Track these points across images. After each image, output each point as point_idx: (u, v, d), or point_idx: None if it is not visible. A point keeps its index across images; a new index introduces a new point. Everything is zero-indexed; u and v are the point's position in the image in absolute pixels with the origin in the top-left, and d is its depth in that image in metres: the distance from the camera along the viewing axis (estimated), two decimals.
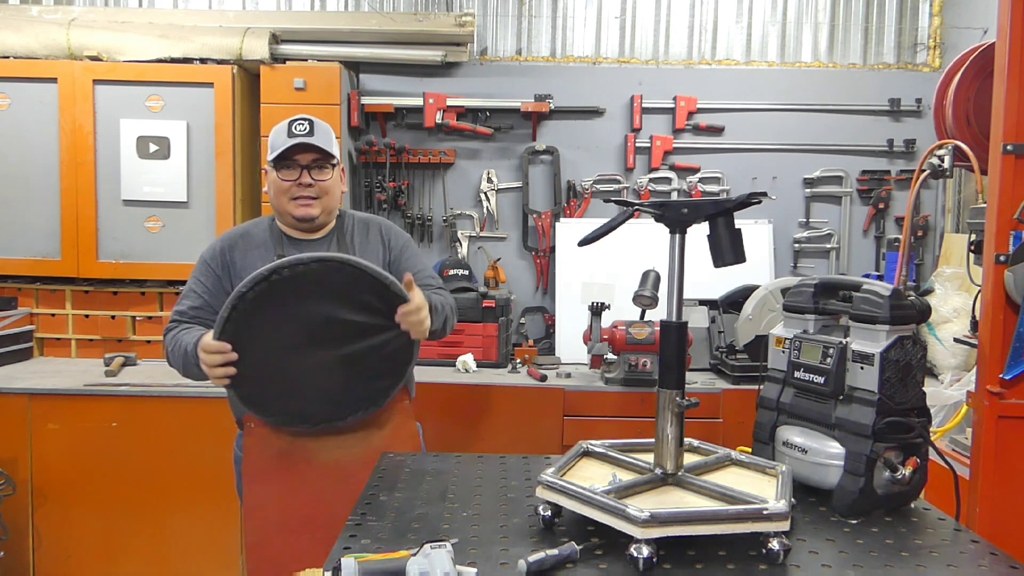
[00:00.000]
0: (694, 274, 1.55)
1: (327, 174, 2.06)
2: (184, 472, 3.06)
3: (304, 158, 2.03)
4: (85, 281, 3.56)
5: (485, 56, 3.95)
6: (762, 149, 3.86)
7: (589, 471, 1.47)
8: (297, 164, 2.03)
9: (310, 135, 2.01)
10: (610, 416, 3.11)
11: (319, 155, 2.03)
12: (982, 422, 1.92)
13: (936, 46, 3.94)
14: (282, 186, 2.04)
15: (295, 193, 2.03)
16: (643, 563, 1.18)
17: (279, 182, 2.05)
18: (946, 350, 3.08)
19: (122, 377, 3.23)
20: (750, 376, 3.14)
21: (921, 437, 1.47)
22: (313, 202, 2.05)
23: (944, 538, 1.36)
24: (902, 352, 1.45)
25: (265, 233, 2.12)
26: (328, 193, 2.07)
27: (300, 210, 2.04)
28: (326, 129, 2.07)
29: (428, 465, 1.77)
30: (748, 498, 1.27)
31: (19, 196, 3.45)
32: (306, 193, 2.04)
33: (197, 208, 3.48)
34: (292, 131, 2.02)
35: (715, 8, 3.95)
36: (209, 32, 3.48)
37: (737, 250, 1.35)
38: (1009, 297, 1.89)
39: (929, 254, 3.85)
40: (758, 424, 1.65)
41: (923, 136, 3.81)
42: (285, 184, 2.04)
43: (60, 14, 3.58)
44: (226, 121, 3.43)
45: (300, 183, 2.03)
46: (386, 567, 1.13)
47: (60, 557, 3.08)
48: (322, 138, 2.03)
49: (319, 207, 2.06)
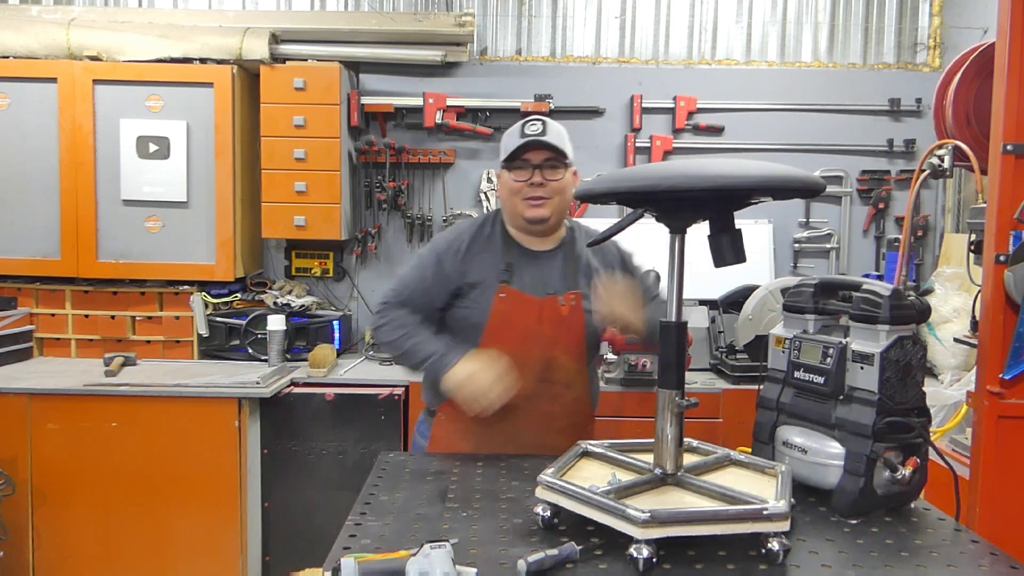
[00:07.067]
0: (694, 274, 1.55)
1: (559, 174, 2.00)
2: (184, 472, 3.06)
3: (536, 157, 1.97)
4: (85, 281, 3.56)
5: (485, 56, 3.95)
6: (762, 149, 3.86)
7: (589, 471, 1.47)
8: (529, 164, 1.98)
9: (543, 134, 1.97)
10: (610, 416, 3.10)
11: (552, 154, 1.98)
12: (982, 422, 1.92)
13: (936, 46, 3.94)
14: (514, 187, 1.98)
15: (527, 193, 1.97)
16: (643, 563, 1.18)
17: (511, 183, 1.99)
18: (946, 350, 3.08)
19: (122, 377, 3.23)
20: (750, 376, 3.14)
21: (921, 437, 1.47)
22: (545, 202, 1.98)
23: (944, 538, 1.36)
24: (902, 352, 1.45)
25: (496, 235, 2.05)
26: (560, 193, 2.00)
27: (531, 211, 1.98)
28: (559, 129, 2.02)
29: (428, 465, 1.77)
30: (748, 498, 1.26)
31: (19, 196, 3.46)
32: (538, 193, 1.97)
33: (197, 208, 3.48)
34: (525, 131, 1.98)
35: (715, 8, 3.95)
36: (209, 32, 3.48)
37: (737, 250, 1.35)
38: (1009, 297, 1.89)
39: (929, 254, 3.85)
40: (758, 424, 1.65)
41: (923, 136, 3.81)
42: (517, 184, 1.98)
43: (60, 14, 3.58)
44: (226, 121, 3.43)
45: (532, 183, 1.97)
46: (386, 567, 1.13)
47: (60, 557, 3.08)
48: (555, 137, 1.98)
49: (550, 208, 1.98)
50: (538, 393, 1.96)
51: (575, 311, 1.98)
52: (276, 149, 3.51)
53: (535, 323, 1.96)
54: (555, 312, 1.97)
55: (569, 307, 1.98)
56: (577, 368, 2.01)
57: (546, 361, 1.97)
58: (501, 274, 1.97)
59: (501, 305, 1.95)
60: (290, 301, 3.60)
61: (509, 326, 1.95)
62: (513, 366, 1.87)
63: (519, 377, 1.88)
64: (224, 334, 3.57)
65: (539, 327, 1.96)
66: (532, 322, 1.96)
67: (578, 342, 2.01)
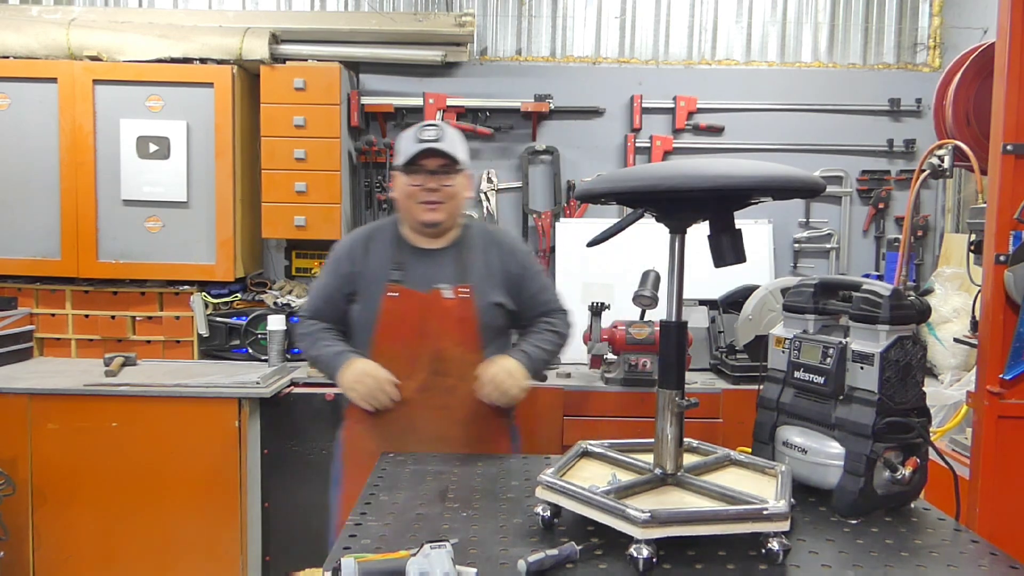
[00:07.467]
0: (694, 274, 1.55)
1: (453, 179, 2.08)
2: (184, 472, 3.06)
3: (431, 163, 2.05)
4: (85, 281, 3.56)
5: (485, 56, 3.95)
6: (762, 149, 3.86)
7: (589, 471, 1.47)
8: (424, 169, 2.06)
9: (438, 141, 2.04)
10: (610, 416, 3.10)
11: (446, 160, 2.06)
12: (982, 422, 1.92)
13: (936, 46, 3.94)
14: (409, 190, 2.07)
15: (421, 198, 2.06)
16: (643, 563, 1.18)
17: (406, 187, 2.08)
18: (946, 350, 3.08)
19: (122, 377, 3.23)
20: (750, 376, 3.14)
21: (921, 437, 1.47)
22: (439, 206, 2.07)
23: (944, 538, 1.36)
24: (902, 352, 1.45)
25: (389, 236, 2.16)
26: (453, 198, 2.09)
27: (426, 215, 2.07)
28: (454, 135, 2.09)
29: (428, 465, 1.77)
30: (748, 498, 1.26)
31: (19, 196, 3.46)
32: (432, 197, 2.06)
33: (197, 208, 3.48)
34: (421, 136, 2.05)
35: (715, 8, 3.95)
36: (209, 32, 3.48)
37: (737, 250, 1.35)
38: (1009, 297, 1.89)
39: (929, 254, 3.85)
40: (758, 424, 1.65)
41: (923, 136, 3.81)
42: (412, 189, 2.07)
43: (60, 14, 3.58)
44: (226, 121, 3.43)
45: (426, 188, 2.05)
46: (386, 567, 1.13)
47: (60, 557, 3.08)
48: (449, 144, 2.06)
49: (444, 212, 2.08)
50: (431, 386, 2.05)
51: (464, 304, 2.06)
52: (276, 149, 3.51)
53: (420, 317, 2.05)
54: (440, 305, 2.05)
55: (458, 300, 2.05)
56: (472, 360, 2.05)
57: (436, 353, 2.05)
58: (391, 273, 2.07)
59: (389, 303, 2.05)
60: (290, 301, 3.60)
61: (398, 322, 2.05)
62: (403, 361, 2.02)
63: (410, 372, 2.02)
64: (224, 334, 3.57)
65: (425, 320, 2.05)
66: (417, 316, 2.05)
67: (470, 334, 2.07)
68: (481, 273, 2.10)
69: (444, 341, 2.06)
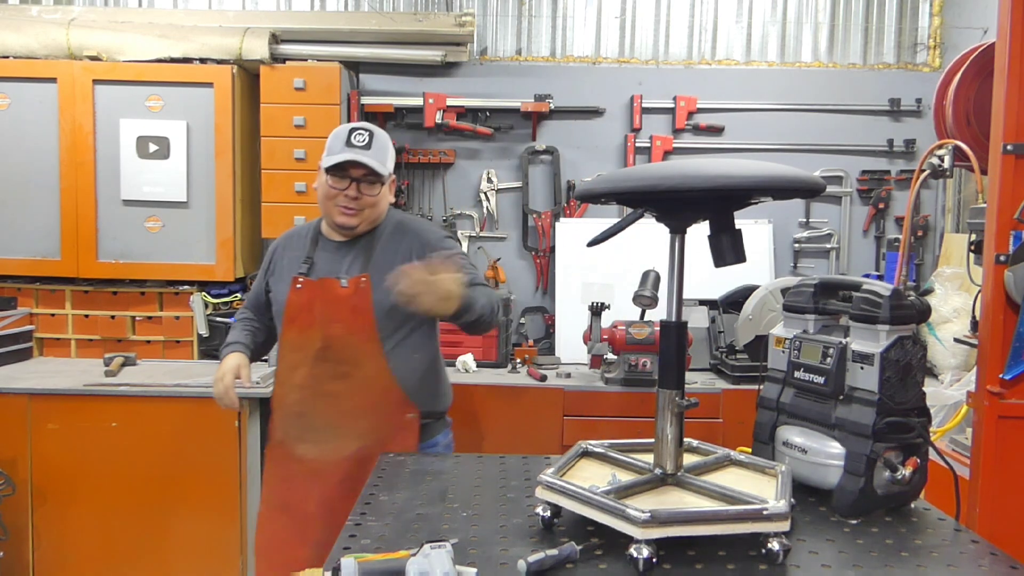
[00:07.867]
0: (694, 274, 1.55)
1: (376, 189, 2.09)
2: (184, 472, 3.06)
3: (356, 172, 2.05)
4: (85, 281, 3.56)
5: (485, 56, 3.95)
6: (762, 149, 3.86)
7: (589, 471, 1.47)
8: (348, 176, 2.05)
9: (367, 149, 2.03)
10: (610, 416, 3.11)
11: (371, 171, 2.05)
12: (982, 422, 1.91)
13: (936, 46, 3.94)
14: (329, 192, 2.08)
15: (341, 201, 2.07)
16: (643, 563, 1.18)
17: (327, 188, 2.08)
18: (946, 350, 3.08)
19: (122, 377, 3.23)
20: (750, 376, 3.14)
21: (921, 437, 1.47)
22: (356, 212, 2.08)
23: (944, 538, 1.36)
24: (902, 352, 1.45)
25: (310, 233, 2.20)
26: (373, 206, 2.10)
27: (342, 218, 2.08)
28: (384, 144, 2.08)
29: (428, 465, 1.77)
30: (748, 498, 1.26)
31: (19, 196, 3.46)
32: (351, 204, 2.07)
33: (197, 208, 3.48)
34: (351, 141, 2.04)
35: (715, 8, 3.95)
36: (209, 32, 3.48)
37: (737, 250, 1.35)
38: (1009, 297, 1.89)
39: (929, 254, 3.85)
40: (758, 424, 1.65)
41: (923, 136, 3.81)
42: (332, 191, 2.07)
43: (60, 14, 3.58)
44: (226, 121, 3.43)
45: (347, 194, 2.06)
46: (386, 567, 1.13)
47: (60, 557, 3.08)
48: (378, 155, 2.05)
49: (360, 218, 2.09)
50: (319, 373, 2.06)
51: (360, 293, 2.05)
52: (276, 149, 3.51)
53: (313, 306, 2.07)
54: (333, 294, 2.06)
55: (354, 288, 2.05)
56: (368, 349, 2.05)
57: (324, 340, 2.05)
58: (300, 267, 2.11)
59: (293, 295, 2.09)
60: None
61: (297, 312, 2.09)
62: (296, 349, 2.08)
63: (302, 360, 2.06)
64: (224, 334, 3.55)
65: (317, 308, 2.06)
66: (312, 305, 2.07)
67: (365, 323, 2.05)
68: (384, 262, 2.06)
69: (333, 328, 2.05)
